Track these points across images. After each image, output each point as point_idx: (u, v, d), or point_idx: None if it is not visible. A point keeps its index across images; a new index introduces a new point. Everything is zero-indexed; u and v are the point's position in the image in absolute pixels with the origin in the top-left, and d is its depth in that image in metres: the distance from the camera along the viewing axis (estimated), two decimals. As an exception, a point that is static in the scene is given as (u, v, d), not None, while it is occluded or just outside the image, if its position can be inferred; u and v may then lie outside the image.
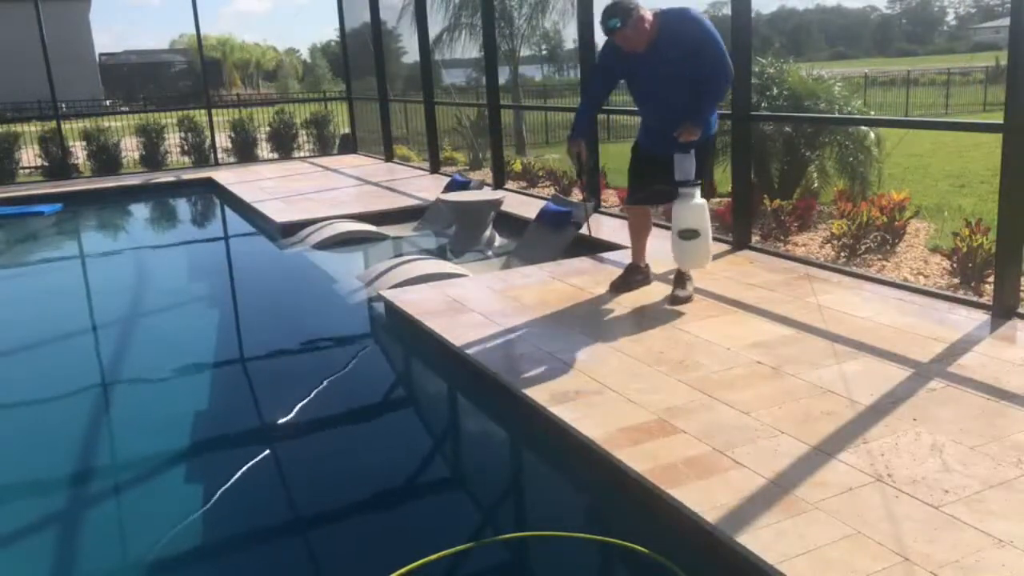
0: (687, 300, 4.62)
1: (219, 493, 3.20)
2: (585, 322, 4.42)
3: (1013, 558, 2.27)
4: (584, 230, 6.00)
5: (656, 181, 4.71)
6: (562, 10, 19.87)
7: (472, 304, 4.81)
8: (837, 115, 7.76)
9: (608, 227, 6.87)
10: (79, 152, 12.90)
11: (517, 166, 10.95)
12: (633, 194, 4.98)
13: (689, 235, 4.52)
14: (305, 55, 61.97)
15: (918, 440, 2.94)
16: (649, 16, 4.34)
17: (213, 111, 13.23)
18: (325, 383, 4.24)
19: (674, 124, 4.47)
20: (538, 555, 2.83)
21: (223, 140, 13.71)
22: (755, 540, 2.40)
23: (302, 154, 14.04)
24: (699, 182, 4.51)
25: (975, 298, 4.70)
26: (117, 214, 10.61)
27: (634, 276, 5.01)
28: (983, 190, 9.38)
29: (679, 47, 4.38)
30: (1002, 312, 4.14)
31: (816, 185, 8.13)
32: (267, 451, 3.57)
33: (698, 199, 4.51)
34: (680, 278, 4.74)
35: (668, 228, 6.66)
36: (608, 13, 4.31)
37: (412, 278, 5.47)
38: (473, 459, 3.65)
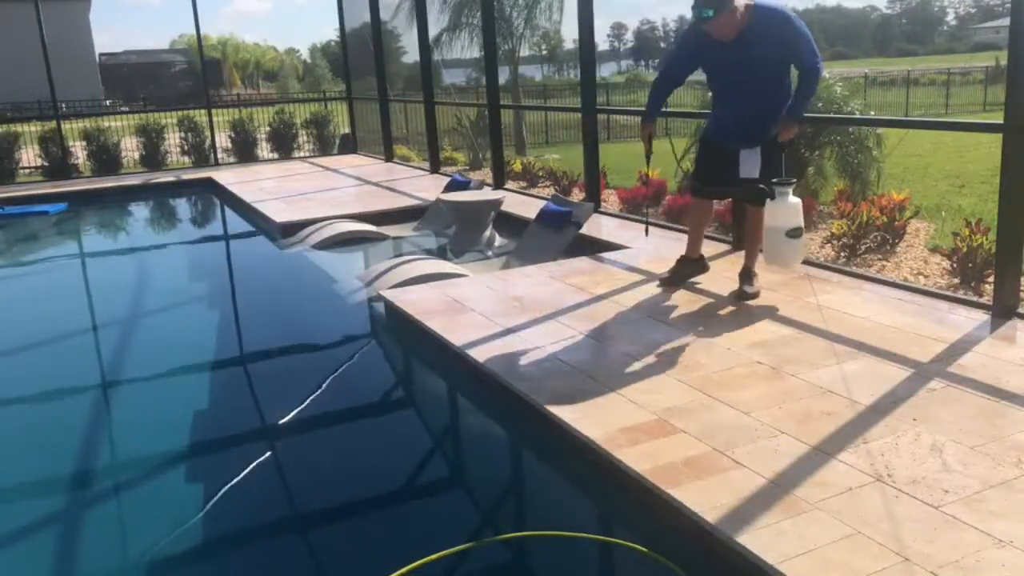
0: (755, 296, 4.62)
1: (220, 493, 3.21)
2: (585, 322, 4.42)
3: (1013, 558, 2.27)
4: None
5: (722, 175, 4.72)
6: (562, 9, 19.88)
7: (472, 304, 4.81)
8: (837, 115, 7.76)
9: (607, 227, 6.88)
10: (79, 152, 12.91)
11: (517, 166, 10.96)
12: (697, 186, 4.98)
13: (797, 233, 4.44)
14: (305, 55, 62.08)
15: (918, 440, 2.94)
16: (741, 7, 4.28)
17: (213, 111, 13.23)
18: (325, 383, 4.24)
19: (750, 119, 4.48)
20: (538, 555, 2.83)
21: (223, 140, 13.70)
22: (755, 540, 2.40)
23: (302, 154, 14.04)
24: (793, 180, 4.46)
25: (975, 298, 4.71)
26: (119, 214, 10.61)
27: (686, 269, 4.97)
28: (983, 190, 9.38)
29: (768, 45, 4.34)
30: (1002, 312, 4.14)
31: (816, 185, 8.12)
32: (267, 451, 3.57)
33: (793, 197, 4.46)
34: (748, 273, 4.72)
35: (666, 227, 6.68)
36: (702, 1, 4.24)
37: (412, 278, 5.47)
38: (473, 459, 3.64)
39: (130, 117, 15.85)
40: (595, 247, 6.18)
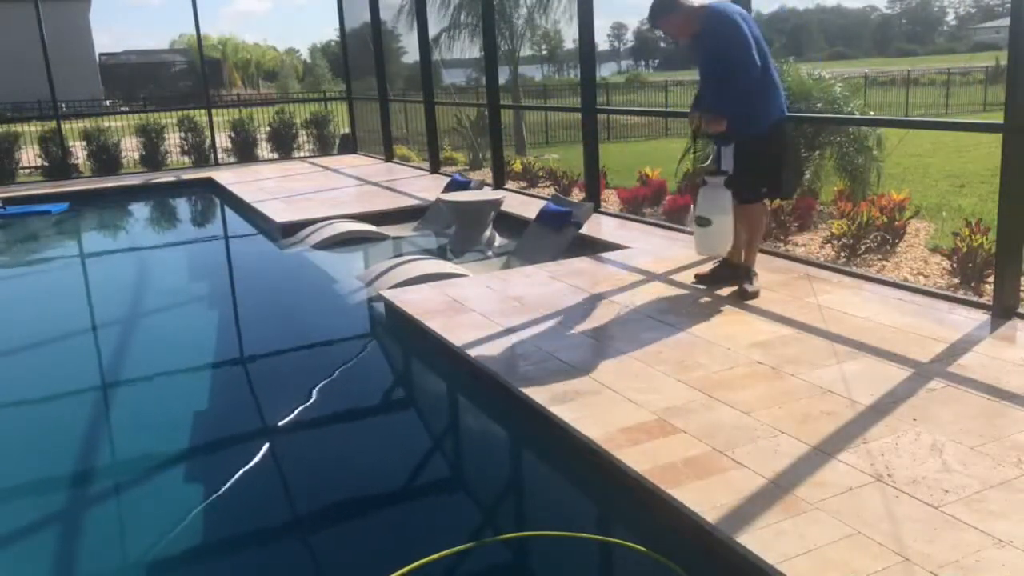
0: (755, 295, 4.63)
1: (219, 493, 3.21)
2: (585, 322, 4.42)
3: (1013, 558, 2.27)
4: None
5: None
6: (562, 9, 19.88)
7: (472, 304, 4.81)
8: (837, 115, 7.76)
9: (608, 227, 6.88)
10: (79, 152, 12.91)
11: (517, 166, 10.96)
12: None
13: (700, 222, 4.63)
14: (305, 55, 62.08)
15: (918, 440, 2.94)
16: (688, 11, 4.46)
17: (213, 111, 13.23)
18: (325, 383, 4.24)
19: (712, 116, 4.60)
20: (538, 555, 2.83)
21: (223, 140, 13.71)
22: (755, 540, 2.40)
23: (302, 154, 14.04)
24: (725, 172, 4.56)
25: (975, 298, 4.71)
26: (120, 214, 10.62)
27: (724, 272, 4.93)
28: (983, 190, 9.38)
29: (709, 44, 4.54)
30: (1002, 312, 4.14)
31: (816, 185, 8.12)
32: (267, 451, 3.57)
33: (718, 188, 4.56)
34: (747, 273, 4.75)
35: (663, 226, 6.69)
36: (649, 11, 4.61)
37: (412, 278, 5.48)
38: (473, 459, 3.65)
39: (130, 117, 15.86)
40: (595, 247, 6.18)
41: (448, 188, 8.24)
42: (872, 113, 10.50)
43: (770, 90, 4.58)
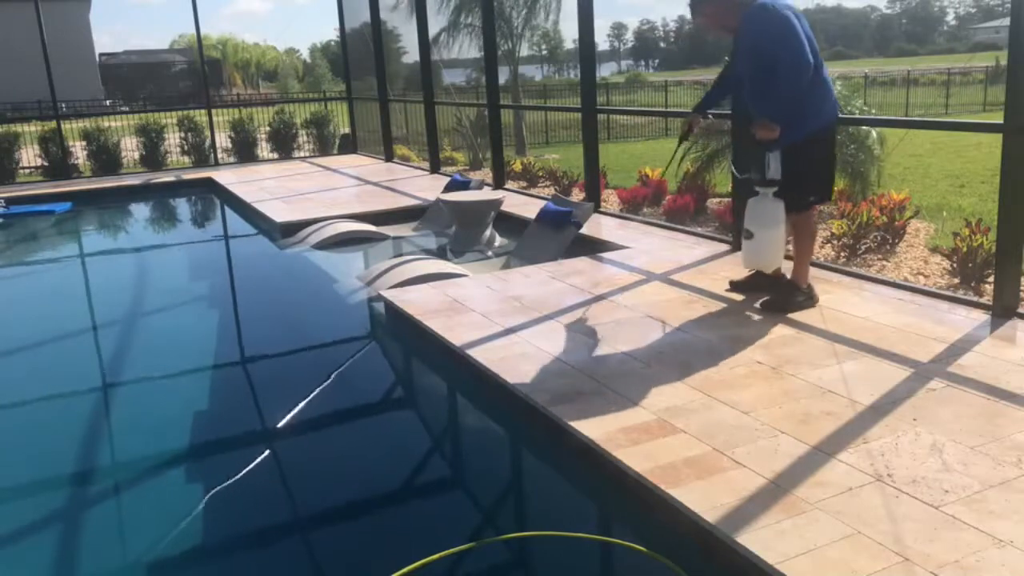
0: (782, 310, 4.38)
1: (219, 493, 3.21)
2: (585, 322, 4.42)
3: (1013, 558, 2.27)
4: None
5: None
6: (560, 9, 19.87)
7: (472, 304, 4.81)
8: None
9: (608, 227, 6.88)
10: (79, 152, 12.91)
11: (517, 166, 10.96)
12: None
13: (745, 234, 4.46)
14: (305, 55, 62.14)
15: (918, 440, 2.94)
16: (723, 7, 4.37)
17: (213, 111, 13.23)
18: (325, 383, 4.24)
19: (750, 118, 4.45)
20: (538, 555, 2.83)
21: (223, 140, 13.71)
22: (755, 540, 2.40)
23: (302, 154, 14.04)
24: (773, 181, 4.31)
25: (975, 298, 4.71)
26: (121, 214, 10.63)
27: (758, 281, 4.67)
28: (983, 190, 9.38)
29: (746, 41, 4.33)
30: (1002, 312, 4.14)
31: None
32: (268, 451, 3.57)
33: (765, 200, 4.35)
34: (790, 287, 4.48)
35: (663, 227, 6.69)
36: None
37: (412, 278, 5.48)
38: (473, 459, 3.65)
39: (130, 117, 15.86)
40: (595, 247, 6.18)
41: (448, 188, 8.24)
42: (872, 113, 10.50)
43: (820, 90, 4.27)
